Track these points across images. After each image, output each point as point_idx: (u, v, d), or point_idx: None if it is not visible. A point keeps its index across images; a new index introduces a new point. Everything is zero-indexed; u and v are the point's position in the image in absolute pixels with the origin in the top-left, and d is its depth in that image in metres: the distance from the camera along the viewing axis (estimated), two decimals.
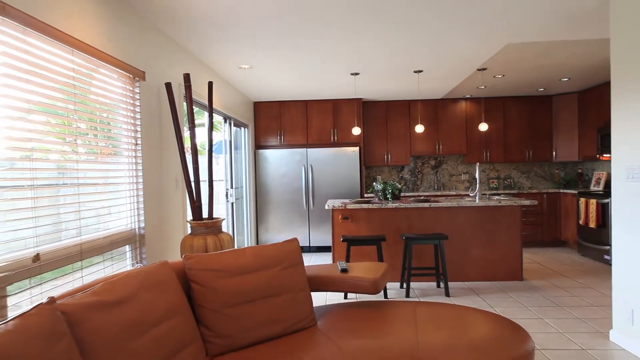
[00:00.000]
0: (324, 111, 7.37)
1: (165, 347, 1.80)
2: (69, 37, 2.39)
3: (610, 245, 3.43)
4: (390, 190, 5.49)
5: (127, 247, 3.09)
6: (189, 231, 3.47)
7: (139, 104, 3.23)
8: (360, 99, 7.38)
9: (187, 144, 3.66)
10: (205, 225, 3.34)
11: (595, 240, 6.18)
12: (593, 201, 6.13)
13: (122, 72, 2.99)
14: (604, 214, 5.94)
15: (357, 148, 7.23)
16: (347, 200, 5.64)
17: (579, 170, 7.64)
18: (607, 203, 5.79)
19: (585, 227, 6.43)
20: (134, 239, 3.15)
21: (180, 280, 2.21)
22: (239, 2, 3.16)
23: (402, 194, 7.16)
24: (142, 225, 3.22)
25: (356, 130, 6.51)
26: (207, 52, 4.45)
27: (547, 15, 3.65)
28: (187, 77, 3.57)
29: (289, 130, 7.40)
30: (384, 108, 7.68)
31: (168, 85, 3.47)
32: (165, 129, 3.67)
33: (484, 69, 5.54)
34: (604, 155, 6.41)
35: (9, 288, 1.93)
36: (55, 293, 1.92)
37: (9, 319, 1.34)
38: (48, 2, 2.27)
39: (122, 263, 3.05)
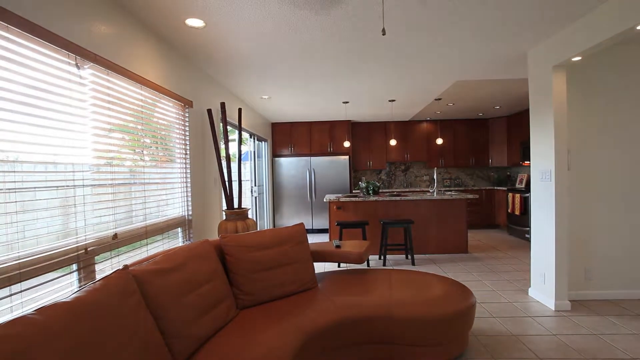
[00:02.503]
0: (323, 129, 7.38)
1: (208, 301, 1.84)
2: (139, 76, 2.43)
3: (529, 227, 3.45)
4: (371, 188, 5.51)
5: (179, 229, 3.12)
6: (224, 217, 3.50)
7: (188, 124, 3.26)
8: (350, 120, 7.39)
9: (223, 154, 3.70)
10: (236, 213, 3.38)
11: (519, 224, 6.18)
12: (517, 195, 6.15)
13: (176, 101, 3.03)
14: (525, 204, 5.95)
15: (347, 157, 7.24)
16: (340, 195, 5.66)
17: (508, 173, 7.62)
18: (528, 197, 5.79)
19: (512, 214, 6.43)
20: (184, 223, 3.18)
21: (217, 253, 2.25)
22: (261, 53, 3.20)
23: (380, 191, 7.15)
24: (190, 212, 3.25)
25: (346, 144, 6.54)
26: (237, 86, 4.47)
27: (483, 62, 3.69)
28: (222, 105, 3.60)
29: (297, 143, 7.41)
30: (367, 127, 7.69)
31: (209, 111, 3.50)
32: (207, 142, 3.71)
33: (440, 99, 5.55)
34: (525, 162, 6.42)
35: (96, 258, 1.97)
36: (128, 262, 1.96)
37: (97, 280, 1.39)
38: (125, 51, 2.31)
39: (176, 241, 3.08)
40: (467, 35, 2.97)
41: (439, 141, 6.65)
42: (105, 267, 2.05)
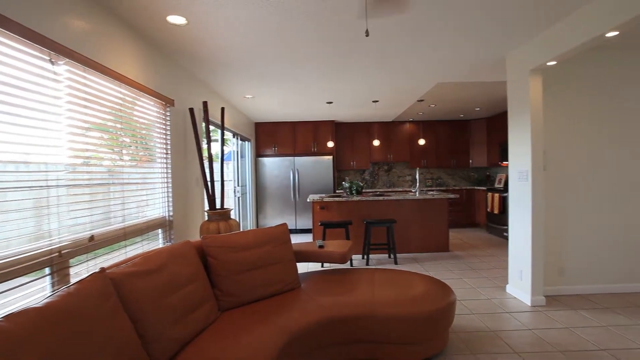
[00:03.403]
0: (307, 130, 7.37)
1: (189, 303, 1.81)
2: (118, 74, 2.36)
3: (507, 225, 3.55)
4: (355, 188, 5.54)
5: (160, 230, 3.05)
6: (206, 218, 3.45)
7: (169, 123, 3.19)
8: (333, 120, 7.40)
9: (205, 154, 3.64)
10: (218, 214, 3.33)
11: (498, 222, 6.34)
12: (497, 195, 6.31)
13: (157, 100, 2.96)
14: (503, 203, 6.11)
15: (331, 157, 7.25)
16: (323, 195, 5.66)
17: (487, 173, 7.78)
18: (506, 196, 5.95)
19: (491, 213, 6.59)
20: (165, 224, 3.11)
21: (199, 255, 2.21)
22: (245, 52, 3.17)
23: (363, 191, 7.21)
24: (171, 213, 3.18)
25: (330, 144, 6.56)
26: (220, 85, 4.41)
27: (463, 65, 3.76)
28: (205, 104, 3.55)
29: (281, 143, 7.38)
30: (350, 127, 7.72)
31: (191, 110, 3.44)
32: (189, 142, 3.64)
33: (422, 100, 5.62)
34: (504, 162, 6.55)
35: (71, 261, 1.91)
36: (105, 264, 1.90)
37: (71, 283, 1.34)
38: (103, 48, 2.24)
39: (156, 242, 3.01)
40: (448, 39, 3.02)
41: (422, 142, 6.76)
42: (81, 271, 1.98)
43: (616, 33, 2.40)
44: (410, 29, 2.80)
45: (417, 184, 5.70)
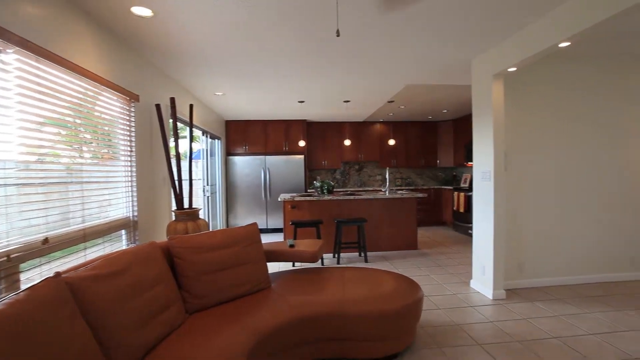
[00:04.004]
0: (278, 128, 7.32)
1: (154, 306, 1.74)
2: (77, 66, 2.23)
3: (472, 223, 3.70)
4: (326, 187, 5.56)
5: (123, 231, 2.92)
6: (173, 218, 3.33)
7: (134, 119, 3.06)
8: (305, 120, 7.40)
9: (173, 152, 3.52)
10: (186, 214, 3.23)
11: (463, 220, 6.59)
12: (462, 194, 6.56)
13: (121, 95, 2.83)
14: (468, 202, 6.36)
15: (303, 156, 7.24)
16: (294, 194, 5.64)
17: (454, 173, 8.04)
18: (471, 195, 6.14)
19: (457, 211, 6.83)
20: (128, 225, 2.98)
21: (165, 256, 2.14)
22: (215, 48, 3.09)
23: (334, 190, 7.27)
24: (136, 213, 3.05)
25: (302, 143, 6.55)
26: (189, 81, 4.28)
27: (430, 68, 3.88)
28: (172, 100, 3.43)
29: (252, 142, 7.27)
30: (322, 127, 7.75)
31: (157, 106, 3.31)
32: (155, 139, 3.50)
33: (392, 101, 5.73)
34: (469, 163, 6.81)
35: (22, 265, 1.78)
36: (63, 268, 1.79)
37: (21, 290, 1.25)
38: (60, 38, 2.10)
39: (119, 244, 2.88)
40: (417, 42, 3.10)
41: (392, 142, 6.91)
42: (33, 276, 1.86)
43: (568, 44, 2.57)
44: (381, 31, 2.85)
45: (387, 184, 5.81)
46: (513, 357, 2.33)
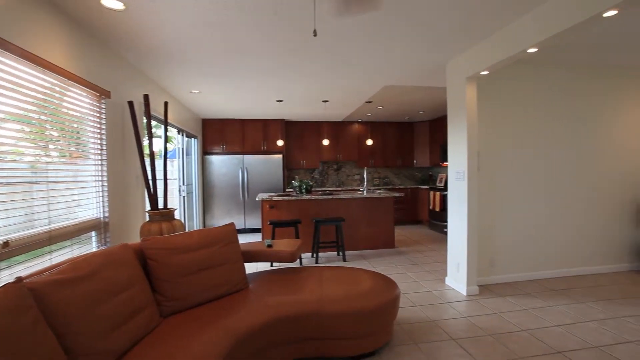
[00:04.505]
0: (256, 128, 7.24)
1: (125, 310, 1.68)
2: (42, 59, 2.12)
3: (447, 222, 3.80)
4: (304, 187, 5.56)
5: (93, 233, 2.80)
6: (147, 219, 3.23)
7: (105, 117, 2.94)
8: (284, 119, 7.36)
9: (147, 150, 3.41)
10: (161, 214, 3.14)
11: (439, 219, 6.75)
12: (438, 193, 6.72)
13: (90, 90, 2.71)
14: (444, 201, 6.52)
15: (281, 155, 7.20)
16: (273, 194, 5.60)
17: (430, 173, 8.22)
18: (446, 194, 6.29)
19: (433, 210, 6.99)
20: (99, 226, 2.86)
21: (138, 258, 2.07)
22: (191, 45, 3.02)
23: (313, 189, 7.27)
24: (107, 214, 2.93)
25: (280, 142, 6.52)
26: (164, 78, 4.16)
27: (407, 70, 3.95)
28: (146, 98, 3.32)
29: (229, 141, 7.16)
30: (301, 126, 7.73)
31: (130, 103, 3.20)
32: (128, 137, 3.38)
33: (370, 102, 5.78)
34: (445, 163, 6.98)
35: None
36: (26, 273, 1.69)
37: None
38: (22, 28, 1.99)
39: (89, 246, 2.76)
40: (394, 44, 3.15)
41: (369, 142, 6.99)
42: None
43: (536, 50, 2.68)
44: (359, 32, 2.87)
45: (365, 183, 5.87)
46: (485, 350, 2.41)
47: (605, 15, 2.11)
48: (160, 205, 3.52)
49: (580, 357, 2.31)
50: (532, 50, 2.69)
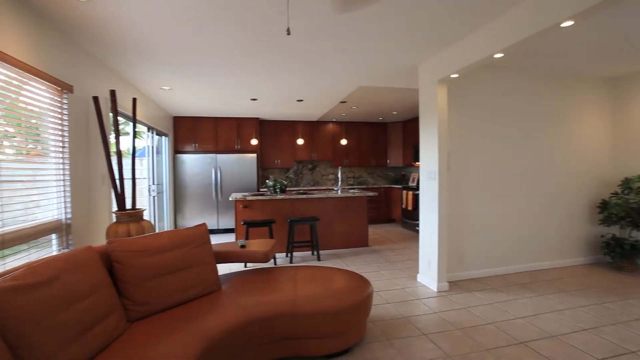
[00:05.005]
0: (230, 126, 7.11)
1: (90, 317, 1.60)
2: None
3: (419, 220, 3.89)
4: (279, 186, 5.52)
5: (54, 236, 2.64)
6: (114, 220, 3.09)
7: (67, 112, 2.78)
8: (258, 118, 7.27)
9: (114, 148, 3.26)
10: (129, 215, 3.02)
11: (411, 218, 6.90)
12: (410, 192, 6.87)
13: (51, 84, 2.56)
14: (416, 200, 6.68)
15: (255, 155, 7.12)
16: (246, 193, 5.52)
17: (403, 173, 8.39)
18: (418, 194, 6.50)
19: (405, 209, 7.14)
20: (60, 228, 2.70)
21: (104, 261, 1.97)
22: (161, 39, 2.91)
23: (287, 189, 7.23)
24: (69, 215, 2.78)
25: (254, 141, 6.44)
26: (132, 73, 3.99)
27: (382, 71, 4.01)
28: (112, 93, 3.18)
29: (202, 140, 6.99)
30: (275, 125, 7.66)
31: (95, 99, 3.04)
32: (93, 134, 3.22)
33: (345, 102, 5.82)
34: (417, 163, 7.12)
35: None
36: None
37: None
38: None
39: (49, 249, 2.61)
40: (367, 46, 3.18)
41: (344, 142, 7.04)
42: None
43: (502, 55, 2.80)
44: (333, 32, 2.88)
45: (340, 183, 5.91)
46: (454, 343, 2.49)
47: (562, 25, 2.23)
48: (129, 205, 3.38)
49: (540, 346, 2.44)
50: (498, 55, 2.80)
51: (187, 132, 6.91)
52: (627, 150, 4.42)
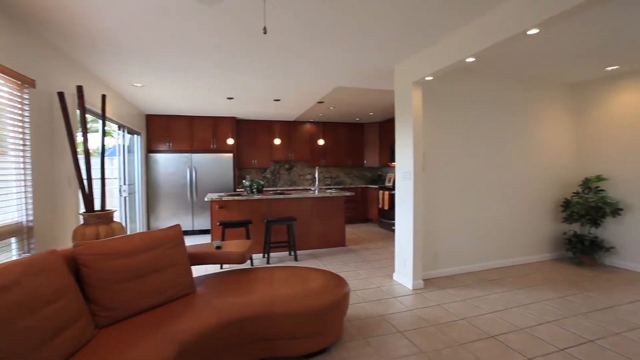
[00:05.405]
0: (206, 125, 6.95)
1: (55, 323, 1.52)
2: None
3: (395, 220, 3.95)
4: (255, 186, 5.45)
5: (14, 239, 2.48)
6: (82, 222, 2.95)
7: (28, 108, 2.62)
8: (235, 117, 7.16)
9: (81, 147, 3.11)
10: (97, 216, 2.88)
11: (388, 217, 6.99)
12: (387, 192, 6.96)
13: (10, 78, 2.40)
14: (392, 200, 6.77)
15: (232, 154, 7.00)
16: (223, 194, 5.42)
17: (379, 173, 8.49)
18: (394, 193, 6.59)
19: (382, 209, 7.22)
20: (21, 231, 2.55)
21: (70, 265, 1.88)
22: (133, 35, 2.80)
23: (264, 189, 7.16)
24: (31, 218, 2.62)
25: (230, 141, 6.33)
26: (102, 69, 3.81)
27: (358, 72, 4.04)
28: (80, 89, 3.03)
29: (176, 139, 6.79)
30: (252, 125, 7.57)
31: (61, 94, 2.89)
32: (59, 132, 3.05)
33: (322, 102, 5.82)
34: (393, 163, 7.20)
35: None
36: None
37: None
38: None
39: (8, 254, 2.45)
40: (344, 47, 3.20)
41: (321, 142, 7.05)
42: None
43: (473, 59, 2.89)
44: (310, 33, 2.87)
45: (317, 183, 5.92)
46: (428, 339, 2.54)
47: (529, 32, 2.34)
48: (98, 207, 3.23)
49: (509, 339, 2.54)
50: (470, 59, 2.89)
51: (161, 130, 6.70)
52: (587, 152, 4.69)
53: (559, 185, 4.74)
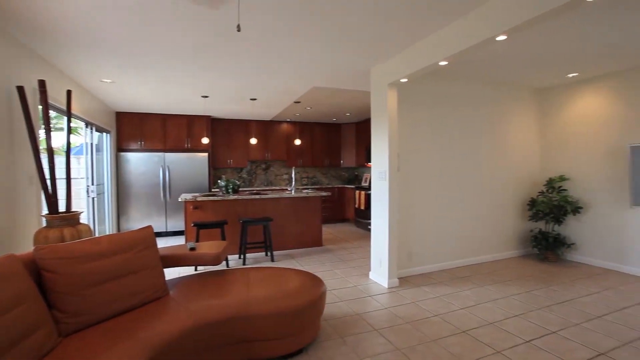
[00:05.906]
0: (180, 124, 6.76)
1: (11, 334, 1.42)
2: None
3: (371, 219, 3.99)
4: (231, 186, 5.36)
5: None
6: (45, 224, 2.78)
7: None
8: (210, 116, 7.00)
9: (44, 145, 2.94)
10: (62, 218, 2.74)
11: (364, 217, 7.06)
12: (363, 192, 7.04)
13: None
14: (368, 200, 6.84)
15: (207, 154, 6.85)
16: (197, 194, 5.29)
17: (356, 173, 8.59)
18: (371, 194, 6.71)
19: (359, 209, 7.29)
20: None
21: (30, 270, 1.77)
22: (101, 28, 2.67)
23: (240, 189, 7.06)
24: None
25: (205, 140, 6.19)
26: (67, 63, 3.61)
27: (335, 72, 4.05)
28: (42, 83, 2.87)
29: (149, 137, 6.56)
30: (228, 124, 7.44)
31: (20, 89, 2.72)
32: (18, 129, 2.86)
33: (299, 102, 5.81)
34: (369, 163, 7.28)
35: None
36: None
37: None
38: None
39: None
40: (320, 47, 3.20)
41: (298, 142, 7.03)
42: None
43: (446, 63, 2.97)
44: (286, 31, 2.85)
45: (293, 183, 5.89)
46: (403, 336, 2.59)
47: (497, 38, 2.43)
48: (62, 208, 3.07)
49: (479, 333, 2.62)
50: (443, 63, 2.96)
51: (133, 129, 6.45)
52: (551, 154, 4.93)
53: (527, 185, 4.96)
